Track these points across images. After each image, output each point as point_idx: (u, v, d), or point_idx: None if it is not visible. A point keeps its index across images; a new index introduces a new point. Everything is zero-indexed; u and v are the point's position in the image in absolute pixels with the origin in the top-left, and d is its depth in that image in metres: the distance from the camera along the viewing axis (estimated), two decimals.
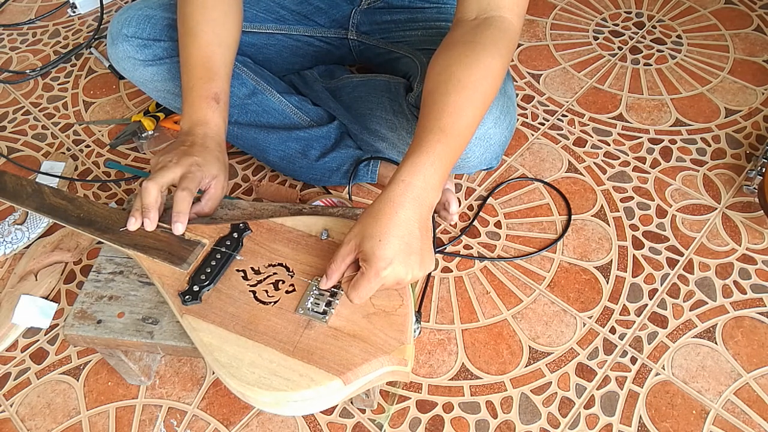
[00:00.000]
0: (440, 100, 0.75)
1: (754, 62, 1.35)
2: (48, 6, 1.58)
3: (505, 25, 0.81)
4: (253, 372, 0.66)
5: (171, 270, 0.76)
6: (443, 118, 0.74)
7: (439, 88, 0.77)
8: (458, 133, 0.74)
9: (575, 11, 1.50)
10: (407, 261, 0.68)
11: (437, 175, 0.72)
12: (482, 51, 0.78)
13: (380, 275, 0.67)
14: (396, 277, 0.68)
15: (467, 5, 0.83)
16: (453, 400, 0.88)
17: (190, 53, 0.89)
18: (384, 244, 0.67)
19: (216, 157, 0.84)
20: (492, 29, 0.80)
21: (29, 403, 0.90)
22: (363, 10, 1.14)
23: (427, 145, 0.72)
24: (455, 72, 0.77)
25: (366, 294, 0.68)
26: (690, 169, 1.15)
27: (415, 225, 0.69)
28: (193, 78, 0.88)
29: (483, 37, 0.79)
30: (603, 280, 1.00)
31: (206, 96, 0.87)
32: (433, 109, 0.75)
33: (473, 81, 0.76)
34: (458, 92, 0.75)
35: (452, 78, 0.76)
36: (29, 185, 0.87)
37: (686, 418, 0.86)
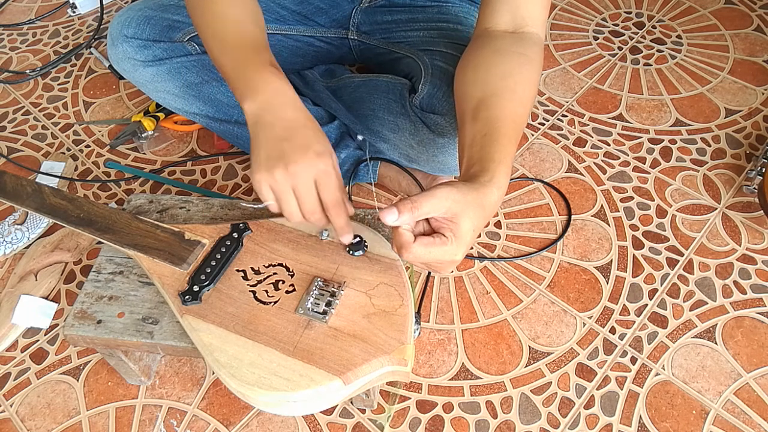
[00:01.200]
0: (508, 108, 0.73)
1: (754, 62, 1.35)
2: (48, 6, 1.58)
3: (540, 43, 0.82)
4: (253, 372, 0.66)
5: (171, 270, 0.76)
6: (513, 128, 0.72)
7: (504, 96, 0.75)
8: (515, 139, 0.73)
9: (575, 11, 1.50)
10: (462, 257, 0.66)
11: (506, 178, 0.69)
12: (535, 69, 0.79)
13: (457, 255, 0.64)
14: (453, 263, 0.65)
15: (499, 16, 0.82)
16: (453, 400, 0.88)
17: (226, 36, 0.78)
18: (474, 234, 0.65)
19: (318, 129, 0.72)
20: (536, 47, 0.81)
21: (29, 403, 0.90)
22: (363, 9, 1.14)
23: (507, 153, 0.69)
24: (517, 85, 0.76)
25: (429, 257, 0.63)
26: (690, 169, 1.15)
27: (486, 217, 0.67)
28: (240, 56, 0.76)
29: (533, 53, 0.80)
30: (603, 280, 1.00)
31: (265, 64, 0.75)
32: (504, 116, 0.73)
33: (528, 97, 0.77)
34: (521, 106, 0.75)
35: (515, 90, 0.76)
36: (29, 185, 0.87)
37: (686, 418, 0.86)
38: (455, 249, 0.63)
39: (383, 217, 0.61)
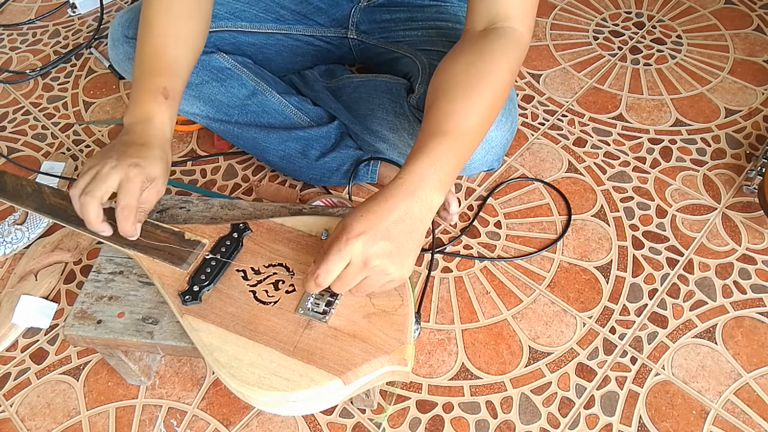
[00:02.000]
0: (444, 106, 0.74)
1: (754, 62, 1.35)
2: (48, 6, 1.58)
3: (515, 36, 0.80)
4: (253, 372, 0.66)
5: (171, 270, 0.76)
6: (447, 122, 0.72)
7: (445, 95, 0.75)
8: (463, 138, 0.72)
9: (575, 11, 1.50)
10: (380, 244, 0.65)
11: (437, 177, 0.69)
12: (490, 60, 0.77)
13: (348, 243, 0.64)
14: (364, 254, 0.65)
15: (476, 16, 0.82)
16: (453, 400, 0.88)
17: (143, 47, 0.83)
18: (363, 218, 0.65)
19: (158, 157, 0.76)
20: (501, 39, 0.79)
21: (29, 403, 0.90)
22: (363, 8, 1.14)
23: (428, 147, 0.70)
24: (461, 81, 0.76)
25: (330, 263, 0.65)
26: (690, 169, 1.15)
27: (404, 217, 0.67)
28: (140, 71, 0.82)
29: (491, 46, 0.78)
30: (603, 280, 1.00)
31: (152, 89, 0.80)
32: (438, 114, 0.74)
33: (480, 90, 0.75)
34: (463, 100, 0.74)
35: (458, 86, 0.75)
36: (29, 185, 0.87)
37: (686, 418, 0.86)
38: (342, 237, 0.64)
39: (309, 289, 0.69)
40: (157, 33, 0.83)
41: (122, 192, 0.72)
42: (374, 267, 0.66)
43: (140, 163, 0.73)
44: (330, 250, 0.65)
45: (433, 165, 0.70)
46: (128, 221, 0.73)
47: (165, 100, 0.80)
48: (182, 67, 0.84)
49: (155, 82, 0.80)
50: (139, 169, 0.72)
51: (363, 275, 0.66)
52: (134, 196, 0.72)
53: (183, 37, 0.85)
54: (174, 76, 0.82)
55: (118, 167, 0.72)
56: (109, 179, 0.71)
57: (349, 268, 0.66)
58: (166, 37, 0.83)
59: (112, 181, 0.71)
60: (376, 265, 0.65)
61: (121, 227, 0.73)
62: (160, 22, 0.83)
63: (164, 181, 0.77)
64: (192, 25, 0.86)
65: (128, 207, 0.72)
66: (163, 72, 0.82)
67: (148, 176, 0.73)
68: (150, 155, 0.75)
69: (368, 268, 0.66)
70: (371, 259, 0.65)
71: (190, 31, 0.86)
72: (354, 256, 0.65)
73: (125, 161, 0.72)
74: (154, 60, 0.82)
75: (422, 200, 0.68)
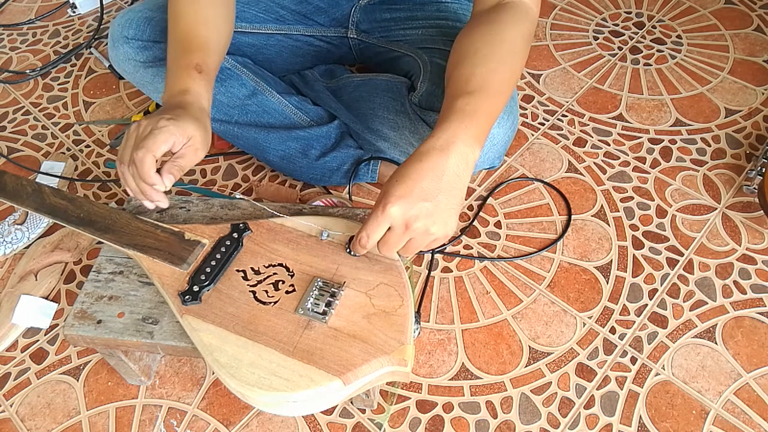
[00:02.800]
0: (465, 71, 0.76)
1: (754, 62, 1.35)
2: (48, 6, 1.58)
3: (524, 8, 0.82)
4: (253, 372, 0.66)
5: (171, 270, 0.76)
6: (471, 84, 0.74)
7: (465, 61, 0.77)
8: (488, 96, 0.74)
9: (575, 11, 1.50)
10: (418, 205, 0.66)
11: (470, 132, 0.70)
12: (504, 29, 0.79)
13: (387, 209, 0.66)
14: (404, 217, 0.66)
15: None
16: (453, 400, 0.88)
17: (174, 32, 0.86)
18: (399, 183, 0.67)
19: (194, 117, 0.76)
20: (512, 11, 0.82)
21: (29, 403, 0.90)
22: (363, 7, 1.14)
23: (456, 107, 0.71)
24: (480, 48, 0.78)
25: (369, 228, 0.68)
26: (690, 169, 1.15)
27: (440, 175, 0.68)
28: (173, 54, 0.84)
29: (504, 17, 0.81)
30: (603, 280, 1.00)
31: (185, 65, 0.82)
32: (460, 78, 0.75)
33: (498, 56, 0.77)
34: (484, 65, 0.76)
35: (477, 53, 0.77)
36: (29, 185, 0.87)
37: (686, 418, 0.86)
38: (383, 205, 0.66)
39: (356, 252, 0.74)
40: (185, 20, 0.86)
41: (149, 136, 0.72)
42: (416, 228, 0.67)
43: (175, 118, 0.73)
44: (370, 217, 0.68)
45: (463, 121, 0.71)
46: (144, 164, 0.72)
47: (199, 74, 0.82)
48: (213, 48, 0.86)
49: (188, 59, 0.82)
50: (171, 120, 0.73)
51: (407, 237, 0.68)
52: (156, 139, 0.71)
53: (211, 21, 0.87)
54: (206, 54, 0.84)
55: (149, 123, 0.73)
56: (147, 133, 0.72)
57: (392, 233, 0.68)
58: (196, 23, 0.86)
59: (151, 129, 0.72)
60: (418, 226, 0.67)
61: (139, 172, 0.72)
62: (188, 9, 0.86)
63: (204, 141, 0.76)
64: (219, 11, 0.89)
65: (143, 147, 0.71)
66: (195, 50, 0.84)
67: (182, 130, 0.73)
68: (185, 114, 0.75)
69: (410, 230, 0.67)
70: (412, 222, 0.67)
71: (216, 15, 0.88)
72: (394, 220, 0.67)
73: (157, 117, 0.73)
74: (184, 42, 0.85)
75: (458, 155, 0.69)
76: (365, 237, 0.69)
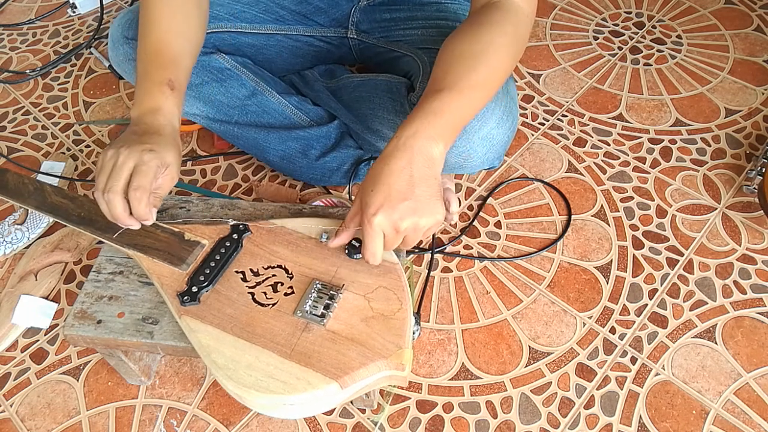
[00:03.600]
0: (440, 71, 0.77)
1: (754, 62, 1.35)
2: (48, 6, 1.58)
3: (513, 8, 0.82)
4: (250, 374, 0.66)
5: (170, 270, 0.76)
6: (442, 82, 0.75)
7: (441, 62, 0.78)
8: (460, 93, 0.74)
9: (575, 11, 1.50)
10: (400, 207, 0.68)
11: (432, 129, 0.71)
12: (484, 28, 0.80)
13: (372, 223, 0.68)
14: (391, 223, 0.68)
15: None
16: (453, 400, 0.88)
17: (146, 42, 0.85)
18: (375, 192, 0.69)
19: (169, 143, 0.77)
20: (496, 10, 0.81)
21: (29, 403, 0.90)
22: (362, 7, 1.14)
23: (420, 105, 0.73)
24: (457, 48, 0.79)
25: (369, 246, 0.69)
26: (690, 169, 1.15)
27: (409, 173, 0.69)
28: (145, 65, 0.83)
29: (486, 17, 0.81)
30: (603, 280, 1.00)
31: (158, 81, 0.81)
32: (434, 80, 0.77)
33: (474, 52, 0.78)
34: (460, 63, 0.77)
35: (454, 53, 0.78)
36: (31, 183, 0.87)
37: (686, 418, 0.86)
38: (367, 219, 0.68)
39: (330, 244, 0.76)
40: (158, 29, 0.85)
41: (136, 174, 0.72)
42: (406, 228, 0.69)
43: (154, 149, 0.74)
44: (364, 236, 0.70)
45: (426, 118, 0.72)
46: (141, 203, 0.73)
47: (171, 91, 0.81)
48: (185, 61, 0.86)
49: (160, 74, 0.82)
50: (153, 153, 0.74)
51: (400, 238, 0.71)
52: (147, 178, 0.73)
53: (183, 32, 0.87)
54: (178, 69, 0.84)
55: (131, 155, 0.73)
56: (124, 169, 0.72)
57: (387, 240, 0.70)
58: (168, 33, 0.85)
59: (128, 169, 0.73)
60: (407, 226, 0.69)
61: (135, 209, 0.73)
62: (161, 18, 0.85)
63: (177, 167, 0.78)
64: (192, 21, 0.88)
65: (141, 188, 0.72)
66: (167, 65, 0.83)
67: (162, 161, 0.74)
68: (163, 141, 0.76)
69: (401, 231, 0.69)
70: (399, 223, 0.69)
71: (190, 26, 0.88)
72: (384, 229, 0.69)
73: (138, 147, 0.73)
74: (157, 54, 0.84)
75: (419, 151, 0.71)
76: (371, 256, 0.70)
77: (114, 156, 0.73)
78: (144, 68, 0.84)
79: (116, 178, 0.72)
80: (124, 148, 0.74)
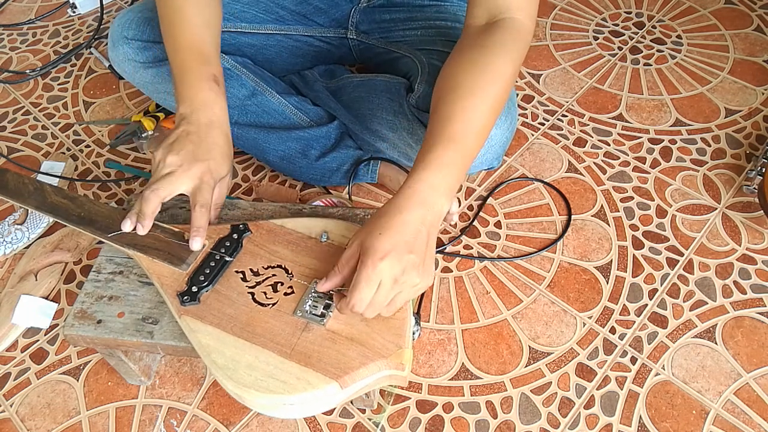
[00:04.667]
0: (448, 108, 0.74)
1: (754, 62, 1.35)
2: (48, 6, 1.58)
3: (516, 26, 0.80)
4: (250, 374, 0.66)
5: (170, 270, 0.76)
6: (451, 125, 0.73)
7: (448, 95, 0.76)
8: (468, 140, 0.73)
9: (575, 11, 1.50)
10: (405, 258, 0.66)
11: (446, 183, 0.70)
12: (491, 55, 0.77)
13: (377, 267, 0.65)
14: (393, 273, 0.65)
15: (477, 10, 0.82)
16: (453, 400, 0.88)
17: (179, 34, 0.85)
18: (383, 237, 0.66)
19: (225, 155, 0.81)
20: (502, 31, 0.79)
21: (29, 403, 0.90)
22: (362, 8, 1.14)
23: (435, 153, 0.71)
24: (463, 80, 0.76)
25: (363, 291, 0.65)
26: (690, 169, 1.15)
27: (420, 228, 0.68)
28: (188, 59, 0.83)
29: (492, 40, 0.79)
30: (603, 280, 1.00)
31: (204, 77, 0.82)
32: (441, 116, 0.74)
33: (482, 86, 0.75)
34: (466, 98, 0.74)
35: (460, 85, 0.76)
36: (31, 183, 0.87)
37: (686, 418, 0.86)
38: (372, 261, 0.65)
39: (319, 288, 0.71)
40: (189, 23, 0.85)
41: (199, 193, 0.77)
42: (404, 282, 0.67)
43: (212, 168, 0.78)
44: (360, 277, 0.65)
45: (441, 172, 0.70)
46: (204, 218, 0.76)
47: (218, 87, 0.83)
48: (217, 51, 0.87)
49: (204, 69, 0.83)
50: (210, 174, 0.78)
51: (394, 292, 0.67)
52: (209, 196, 0.77)
53: (212, 22, 0.87)
54: (218, 64, 0.85)
55: (191, 173, 0.76)
56: (179, 183, 0.76)
57: (381, 290, 0.66)
58: (200, 26, 0.85)
59: (184, 185, 0.76)
60: (406, 279, 0.66)
61: (195, 221, 0.76)
62: (189, 10, 0.85)
63: (231, 173, 0.83)
64: (214, 11, 0.88)
65: (206, 206, 0.77)
66: (208, 60, 0.84)
67: (219, 177, 0.79)
68: (219, 154, 0.80)
69: (398, 284, 0.67)
70: (400, 275, 0.66)
71: (212, 14, 0.88)
72: (384, 277, 0.66)
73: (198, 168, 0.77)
74: (192, 48, 0.84)
75: (433, 208, 0.69)
76: (359, 302, 0.66)
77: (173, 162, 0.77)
78: (182, 62, 0.83)
79: (165, 185, 0.75)
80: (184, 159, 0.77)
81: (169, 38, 0.86)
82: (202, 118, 0.80)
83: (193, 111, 0.81)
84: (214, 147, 0.79)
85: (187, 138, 0.78)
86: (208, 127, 0.80)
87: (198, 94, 0.81)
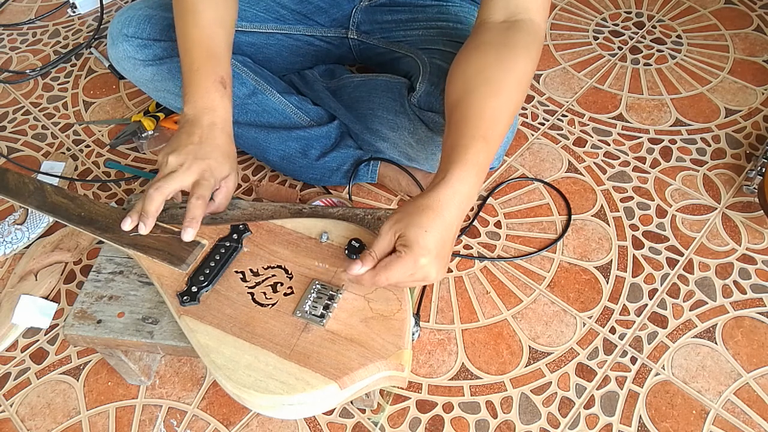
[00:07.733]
0: (478, 104, 0.75)
1: (754, 62, 1.35)
2: (48, 6, 1.58)
3: (534, 28, 0.81)
4: (250, 375, 0.66)
5: (170, 270, 0.76)
6: (483, 124, 0.74)
7: (476, 91, 0.77)
8: (495, 141, 0.74)
9: (575, 11, 1.50)
10: (439, 261, 0.68)
11: (479, 183, 0.72)
12: (518, 55, 0.79)
13: (419, 263, 0.66)
14: (426, 272, 0.68)
15: (493, 6, 0.83)
16: (453, 400, 0.88)
17: (190, 32, 0.85)
18: (429, 235, 0.67)
19: (227, 155, 0.82)
20: (523, 33, 0.80)
21: (29, 403, 0.90)
22: (363, 8, 1.14)
23: (472, 153, 0.72)
24: (492, 76, 0.77)
25: (396, 276, 0.67)
26: (690, 169, 1.15)
27: (453, 230, 0.70)
28: (197, 59, 0.84)
29: (516, 40, 0.80)
30: (603, 280, 1.00)
31: (213, 79, 0.83)
32: (473, 114, 0.75)
33: (509, 85, 0.77)
34: (496, 97, 0.76)
35: (489, 81, 0.77)
36: (31, 183, 0.87)
37: (686, 418, 0.86)
38: (415, 258, 0.66)
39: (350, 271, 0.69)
40: (202, 19, 0.85)
41: (198, 186, 0.78)
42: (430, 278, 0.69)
43: (213, 166, 0.79)
44: (397, 264, 0.67)
45: (477, 174, 0.72)
46: (199, 209, 0.77)
47: (224, 90, 0.84)
48: (229, 51, 0.88)
49: (212, 71, 0.83)
50: (212, 172, 0.79)
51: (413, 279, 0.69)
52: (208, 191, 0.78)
53: (225, 21, 0.88)
54: (227, 64, 0.86)
55: (192, 170, 0.78)
56: (180, 180, 0.77)
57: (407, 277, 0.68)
58: (212, 25, 0.86)
59: (184, 181, 0.78)
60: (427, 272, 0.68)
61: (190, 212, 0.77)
62: (203, 7, 0.86)
63: (236, 172, 0.85)
64: (229, 9, 0.89)
65: (203, 198, 0.77)
66: (218, 60, 0.85)
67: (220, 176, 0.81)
68: (220, 155, 0.81)
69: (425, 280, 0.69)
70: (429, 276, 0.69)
71: (227, 12, 0.89)
72: (417, 274, 0.68)
73: (199, 166, 0.78)
74: (207, 48, 0.85)
75: (467, 210, 0.72)
76: (383, 281, 0.68)
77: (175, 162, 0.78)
78: (191, 61, 0.84)
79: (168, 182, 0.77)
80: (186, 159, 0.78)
81: (181, 35, 0.87)
82: (205, 120, 0.82)
83: (197, 113, 0.82)
84: (216, 147, 0.81)
85: (190, 139, 0.80)
86: (211, 128, 0.82)
87: (204, 96, 0.83)
